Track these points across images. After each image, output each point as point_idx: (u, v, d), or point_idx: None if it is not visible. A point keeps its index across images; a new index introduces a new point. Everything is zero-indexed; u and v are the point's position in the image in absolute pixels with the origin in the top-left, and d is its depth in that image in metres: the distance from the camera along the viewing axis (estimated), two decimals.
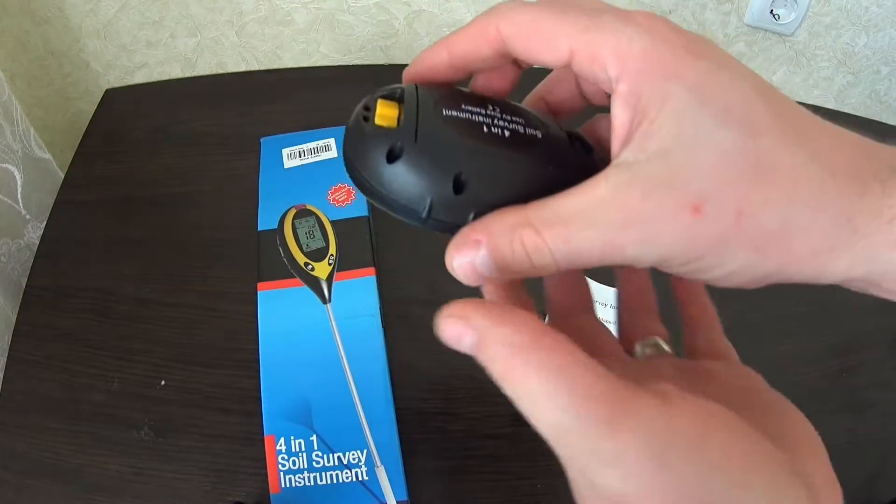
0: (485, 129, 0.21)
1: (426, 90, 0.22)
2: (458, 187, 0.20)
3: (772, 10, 0.71)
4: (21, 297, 0.56)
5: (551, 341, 0.17)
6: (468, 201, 0.20)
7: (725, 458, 0.16)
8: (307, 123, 0.60)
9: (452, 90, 0.23)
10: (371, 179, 0.21)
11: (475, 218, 0.20)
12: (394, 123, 0.21)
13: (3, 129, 0.59)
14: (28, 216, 0.63)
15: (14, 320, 0.54)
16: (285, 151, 0.57)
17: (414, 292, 0.53)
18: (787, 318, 0.54)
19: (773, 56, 0.77)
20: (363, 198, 0.52)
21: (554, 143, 0.22)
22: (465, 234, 0.20)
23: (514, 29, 0.21)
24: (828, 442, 0.20)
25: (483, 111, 0.22)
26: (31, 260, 0.58)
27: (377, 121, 0.21)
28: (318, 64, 0.78)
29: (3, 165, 0.59)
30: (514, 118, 0.22)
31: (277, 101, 0.67)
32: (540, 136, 0.22)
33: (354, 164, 0.21)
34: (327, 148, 0.57)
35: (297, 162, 0.57)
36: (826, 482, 0.19)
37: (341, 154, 0.55)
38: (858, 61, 0.76)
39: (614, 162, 0.19)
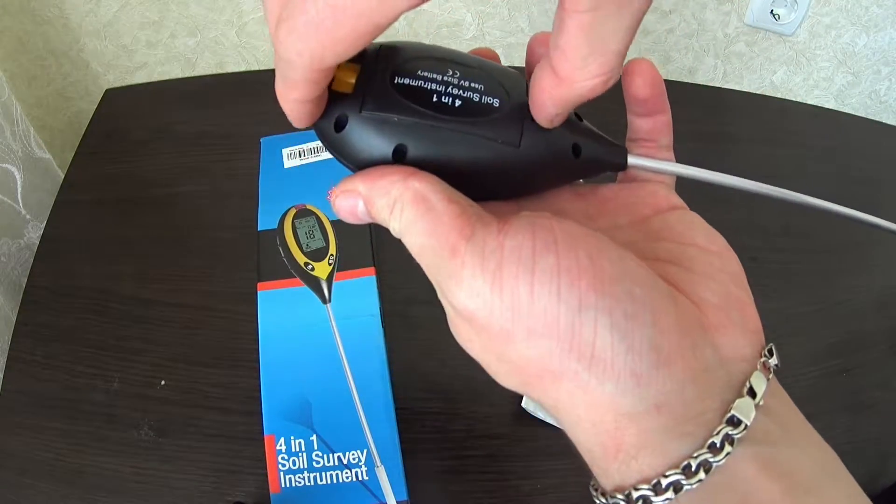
0: (434, 98, 0.21)
1: (390, 51, 0.22)
2: (399, 157, 0.21)
3: (772, 10, 0.71)
4: (21, 297, 0.56)
5: (418, 182, 0.19)
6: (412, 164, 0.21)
7: (554, 274, 0.17)
8: None
9: (420, 51, 0.23)
10: (325, 143, 0.22)
11: None
12: (349, 89, 0.21)
13: (3, 129, 0.59)
14: (28, 216, 0.63)
15: (14, 320, 0.54)
16: (285, 151, 0.57)
17: (414, 292, 0.53)
18: (788, 317, 0.54)
19: (773, 56, 0.77)
20: None
21: (508, 112, 0.22)
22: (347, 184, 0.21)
23: None
24: (828, 442, 0.20)
25: (440, 76, 0.22)
26: (31, 260, 0.58)
27: (334, 85, 0.21)
28: None
29: (3, 165, 0.59)
30: (473, 83, 0.22)
31: (277, 101, 0.66)
32: (496, 104, 0.22)
33: (315, 126, 0.22)
34: None
35: (297, 162, 0.57)
36: (724, 302, 0.20)
37: None
38: (858, 61, 0.76)
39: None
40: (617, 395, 0.17)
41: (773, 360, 0.20)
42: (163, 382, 0.51)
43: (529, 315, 0.17)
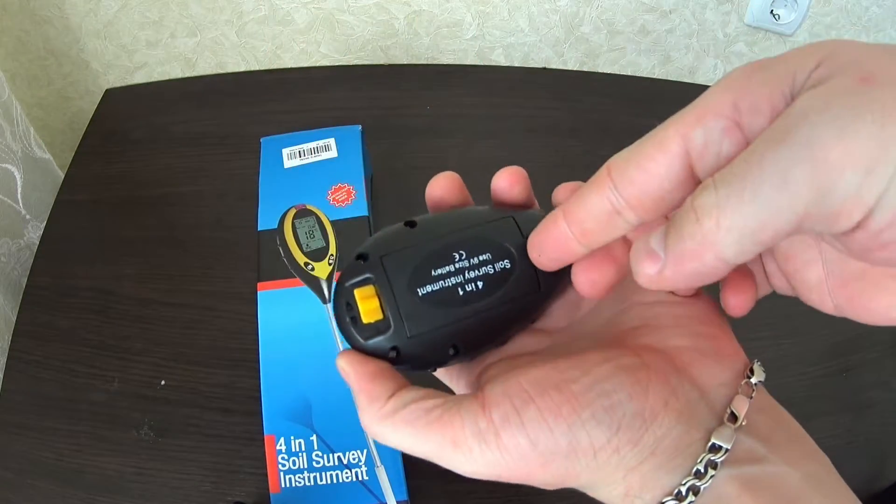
0: (460, 291, 0.23)
1: (391, 260, 0.23)
2: (456, 353, 0.24)
3: (772, 10, 0.71)
4: (21, 297, 0.56)
5: (393, 407, 0.22)
6: (465, 356, 0.24)
7: (540, 419, 0.20)
8: (307, 123, 0.60)
9: (418, 245, 0.24)
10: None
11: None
12: (379, 315, 0.23)
13: (3, 129, 0.59)
14: (28, 216, 0.63)
15: (14, 320, 0.54)
16: (285, 151, 0.57)
17: None
18: (788, 317, 0.54)
19: (774, 56, 0.77)
20: (363, 198, 0.52)
21: (521, 267, 0.24)
22: None
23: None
24: (828, 442, 0.21)
25: (452, 266, 0.23)
26: (31, 260, 0.58)
27: (364, 319, 0.23)
28: (318, 64, 0.78)
29: (3, 165, 0.59)
30: (481, 257, 0.24)
31: (277, 101, 0.67)
32: (508, 265, 0.24)
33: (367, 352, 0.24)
34: (327, 148, 0.57)
35: (297, 162, 0.57)
36: (693, 342, 0.23)
37: (342, 155, 0.54)
38: None
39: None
40: (621, 461, 0.21)
41: (755, 379, 0.22)
42: (163, 382, 0.51)
43: (536, 456, 0.21)
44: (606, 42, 0.77)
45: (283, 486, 0.44)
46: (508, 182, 0.25)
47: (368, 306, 0.23)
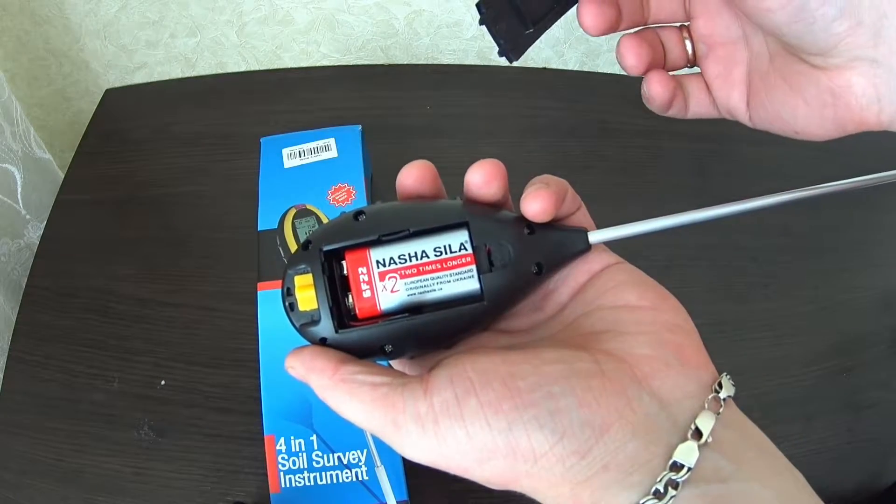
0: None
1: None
2: (393, 351, 0.23)
3: None
4: (21, 297, 0.56)
5: (341, 377, 0.22)
6: (403, 355, 0.24)
7: (479, 412, 0.20)
8: (307, 123, 0.60)
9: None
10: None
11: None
12: (314, 304, 0.24)
13: (3, 129, 0.59)
14: (28, 216, 0.63)
15: (14, 320, 0.54)
16: (285, 151, 0.57)
17: None
18: (788, 318, 0.54)
19: None
20: (363, 198, 0.52)
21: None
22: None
23: None
24: (828, 442, 0.20)
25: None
26: (31, 260, 0.58)
27: (300, 306, 0.24)
28: (318, 64, 0.78)
29: (3, 165, 0.59)
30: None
31: (277, 101, 0.67)
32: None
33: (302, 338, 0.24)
34: (327, 148, 0.57)
35: (297, 162, 0.57)
36: (657, 351, 0.22)
37: (342, 155, 0.54)
38: None
39: None
40: (566, 472, 0.20)
41: (724, 393, 0.21)
42: (163, 382, 0.51)
43: (473, 450, 0.20)
44: (606, 42, 0.77)
45: (283, 486, 0.44)
46: (484, 178, 0.23)
47: (304, 295, 0.23)
